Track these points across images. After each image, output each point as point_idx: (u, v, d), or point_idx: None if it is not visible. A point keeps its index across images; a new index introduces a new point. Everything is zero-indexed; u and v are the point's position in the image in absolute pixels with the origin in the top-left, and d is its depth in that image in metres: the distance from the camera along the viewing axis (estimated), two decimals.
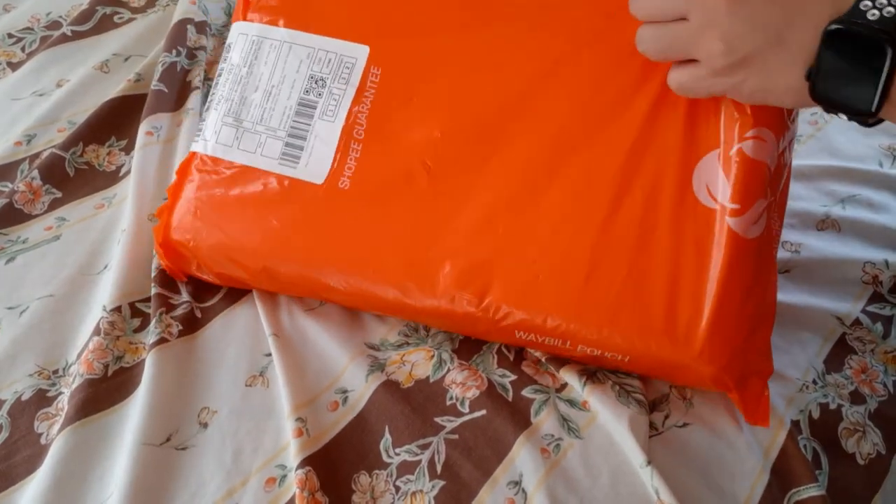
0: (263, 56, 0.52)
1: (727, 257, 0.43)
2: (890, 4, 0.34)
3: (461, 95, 0.48)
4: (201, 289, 0.55)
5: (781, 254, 0.56)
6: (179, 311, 0.53)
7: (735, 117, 0.43)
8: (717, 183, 0.43)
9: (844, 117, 0.38)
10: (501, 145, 0.47)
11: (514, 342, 0.48)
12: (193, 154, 0.53)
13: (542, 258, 0.45)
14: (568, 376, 0.48)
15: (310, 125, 0.50)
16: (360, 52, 0.50)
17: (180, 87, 0.69)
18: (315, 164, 0.49)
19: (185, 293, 0.54)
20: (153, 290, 0.53)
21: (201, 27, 0.75)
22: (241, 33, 0.53)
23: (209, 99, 0.55)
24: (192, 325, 0.52)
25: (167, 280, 0.54)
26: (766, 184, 0.44)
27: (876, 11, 0.35)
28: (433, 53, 0.49)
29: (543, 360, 0.49)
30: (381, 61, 0.49)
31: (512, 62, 0.48)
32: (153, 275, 0.54)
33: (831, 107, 0.38)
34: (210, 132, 0.53)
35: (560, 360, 0.48)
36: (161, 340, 0.50)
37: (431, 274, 0.46)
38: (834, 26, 0.35)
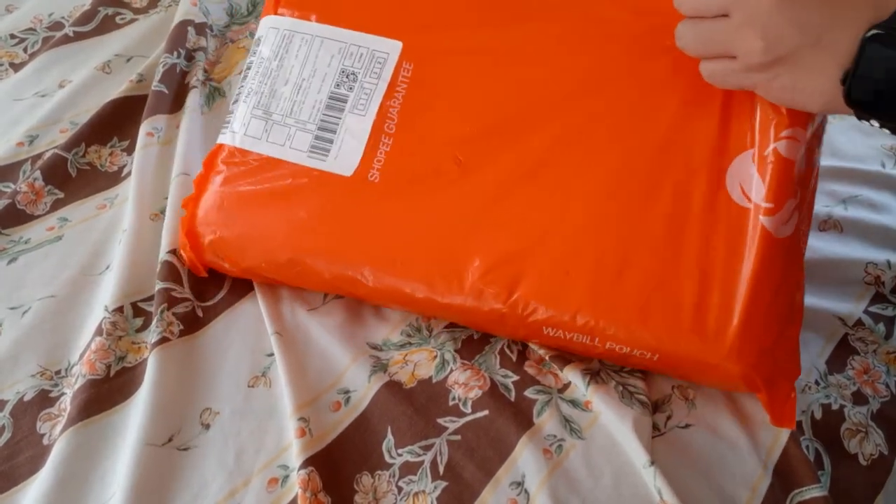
0: (294, 50, 0.52)
1: (759, 256, 0.43)
2: None
3: (493, 91, 0.48)
4: (203, 288, 0.55)
5: None
6: (181, 309, 0.53)
7: (771, 117, 0.43)
8: (750, 182, 0.43)
9: (877, 124, 0.38)
10: (533, 141, 0.47)
11: (541, 339, 0.48)
12: (221, 146, 0.53)
13: (573, 254, 0.45)
14: (572, 375, 0.48)
15: (340, 119, 0.50)
16: (392, 47, 0.50)
17: (179, 88, 0.69)
18: (344, 157, 0.49)
19: (187, 290, 0.54)
20: (157, 287, 0.53)
21: (201, 29, 0.75)
22: (272, 27, 0.54)
23: (237, 92, 0.55)
24: (193, 324, 0.52)
25: (170, 275, 0.54)
26: (797, 184, 0.44)
27: None
28: (466, 49, 0.49)
29: (547, 358, 0.49)
30: (414, 56, 0.50)
31: (544, 59, 0.48)
32: (158, 269, 0.54)
33: (865, 112, 0.38)
34: (238, 124, 0.53)
35: (564, 359, 0.48)
36: (163, 340, 0.50)
37: (460, 269, 0.46)
38: (874, 31, 0.35)
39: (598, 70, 0.47)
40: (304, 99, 0.51)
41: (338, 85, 0.51)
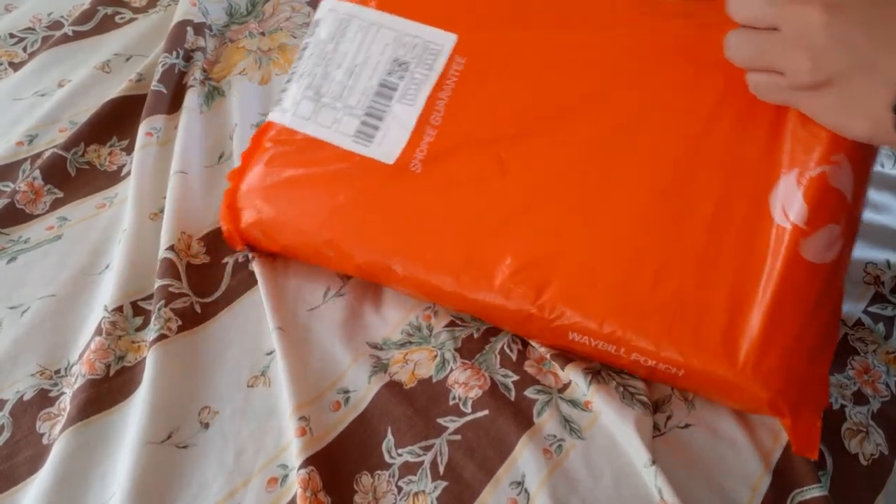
0: (350, 35, 0.53)
1: (793, 279, 0.42)
2: None
3: (541, 93, 0.48)
4: (202, 284, 0.55)
5: None
6: (179, 305, 0.52)
7: (819, 140, 0.42)
8: (793, 203, 0.42)
9: None
10: (575, 146, 0.47)
11: (567, 345, 0.47)
12: (270, 124, 0.54)
13: (606, 261, 0.44)
14: (573, 374, 0.47)
15: (388, 106, 0.50)
16: (447, 40, 0.50)
17: (177, 88, 0.70)
18: (388, 145, 0.50)
19: (185, 285, 0.54)
20: (156, 284, 0.53)
21: (200, 29, 0.75)
22: (331, 10, 0.54)
23: (290, 72, 0.55)
24: (192, 320, 0.52)
25: (169, 272, 0.54)
26: (841, 210, 0.43)
27: None
28: (519, 49, 0.49)
29: (548, 357, 0.49)
30: (468, 51, 0.50)
31: (595, 65, 0.48)
32: (157, 267, 0.54)
33: None
34: (290, 103, 0.53)
35: (565, 357, 0.48)
36: (161, 336, 0.50)
37: (490, 267, 0.46)
38: None
39: (649, 80, 0.46)
40: (355, 84, 0.52)
41: (389, 73, 0.51)
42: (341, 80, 0.52)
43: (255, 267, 0.54)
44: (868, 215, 0.60)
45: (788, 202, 0.42)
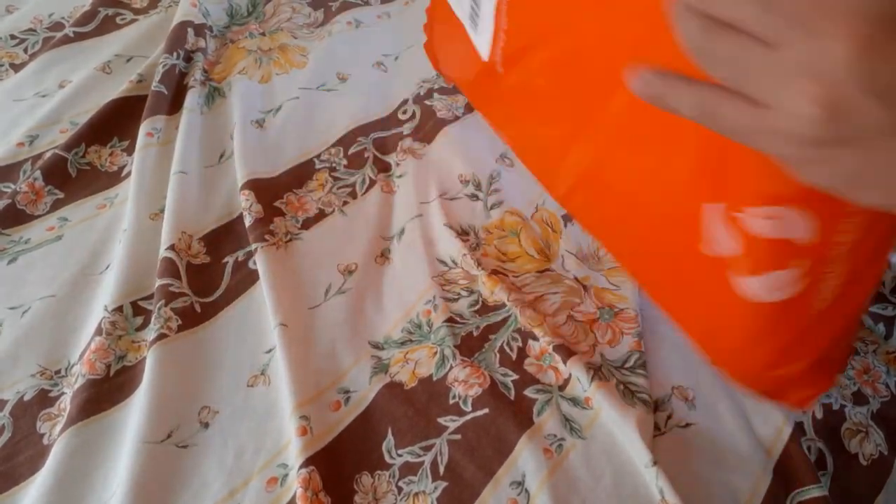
0: None
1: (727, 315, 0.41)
2: None
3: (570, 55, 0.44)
4: (202, 284, 0.55)
5: None
6: (179, 304, 0.53)
7: (756, 180, 0.34)
8: (721, 236, 0.38)
9: None
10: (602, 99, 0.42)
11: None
12: None
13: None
14: (575, 369, 0.48)
15: None
16: None
17: (178, 89, 0.70)
18: (484, 36, 0.51)
19: (185, 285, 0.54)
20: (156, 284, 0.53)
21: (200, 30, 0.75)
22: None
23: None
24: (192, 319, 0.52)
25: (169, 271, 0.54)
26: (793, 254, 0.36)
27: None
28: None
29: (550, 349, 0.49)
30: None
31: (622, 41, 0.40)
32: (158, 266, 0.54)
33: None
34: None
35: (567, 351, 0.48)
36: (161, 336, 0.50)
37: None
38: None
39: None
40: None
41: None
42: None
43: (258, 262, 0.55)
44: None
45: (719, 236, 0.38)
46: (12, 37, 0.79)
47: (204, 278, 0.55)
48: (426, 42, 0.69)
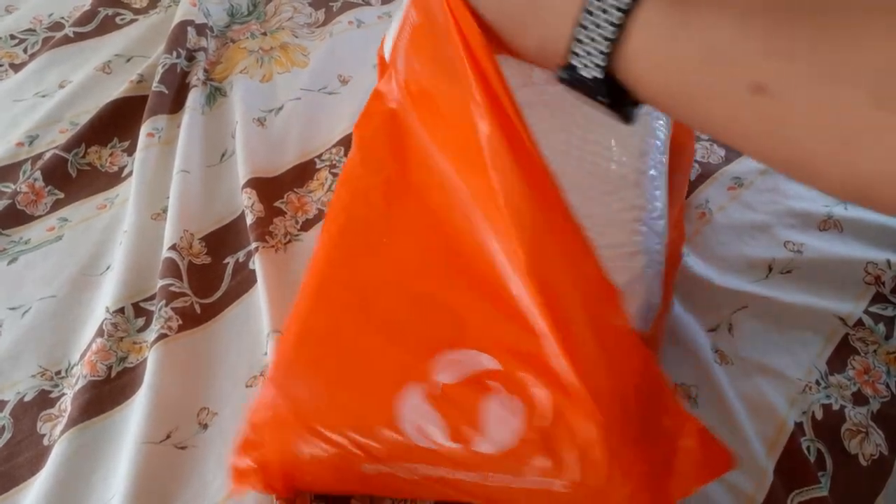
0: None
1: None
2: (594, 65, 0.29)
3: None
4: (203, 285, 0.55)
5: (784, 254, 0.56)
6: (179, 304, 0.53)
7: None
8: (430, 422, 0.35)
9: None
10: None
11: None
12: None
13: None
14: None
15: None
16: None
17: (179, 88, 0.70)
18: None
19: (186, 284, 0.54)
20: (159, 283, 0.53)
21: (201, 29, 0.75)
22: None
23: None
24: (192, 320, 0.52)
25: (170, 271, 0.54)
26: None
27: (587, 71, 0.29)
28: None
29: None
30: None
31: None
32: (160, 266, 0.54)
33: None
34: None
35: None
36: (162, 336, 0.50)
37: None
38: (561, 74, 0.31)
39: None
40: None
41: None
42: None
43: (257, 265, 0.55)
44: (868, 214, 0.60)
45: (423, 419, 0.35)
46: (12, 37, 0.79)
47: (205, 279, 0.55)
48: None
